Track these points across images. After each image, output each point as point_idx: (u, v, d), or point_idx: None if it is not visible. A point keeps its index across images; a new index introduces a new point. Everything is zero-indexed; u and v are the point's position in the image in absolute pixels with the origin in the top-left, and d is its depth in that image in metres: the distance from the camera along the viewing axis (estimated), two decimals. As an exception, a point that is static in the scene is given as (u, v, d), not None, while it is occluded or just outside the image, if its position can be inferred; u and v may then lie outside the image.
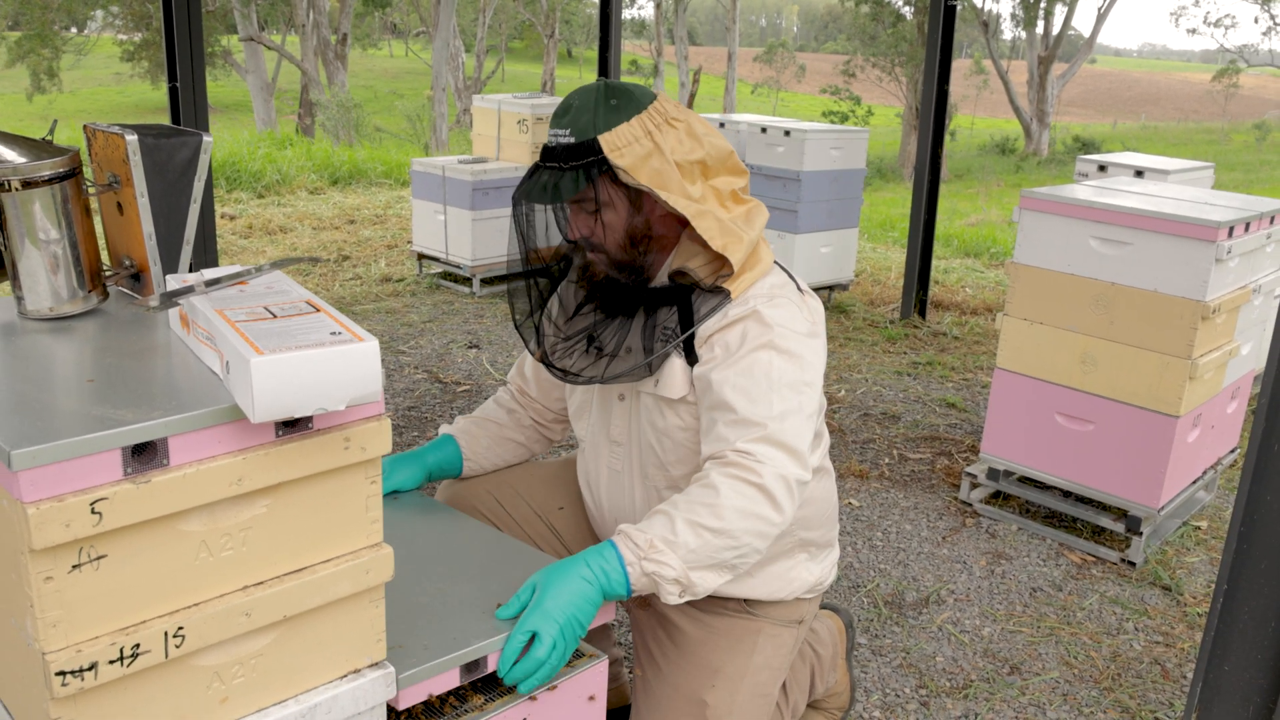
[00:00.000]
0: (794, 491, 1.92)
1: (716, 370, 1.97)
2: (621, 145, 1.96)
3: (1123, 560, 3.64)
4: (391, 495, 2.24)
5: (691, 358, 2.03)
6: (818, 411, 2.07)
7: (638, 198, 2.03)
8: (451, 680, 1.67)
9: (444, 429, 2.44)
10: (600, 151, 1.95)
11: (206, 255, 5.21)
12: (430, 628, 1.73)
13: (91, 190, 1.75)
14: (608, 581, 1.82)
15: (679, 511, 1.86)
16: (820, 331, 2.08)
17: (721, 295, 2.00)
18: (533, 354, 2.17)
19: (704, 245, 2.03)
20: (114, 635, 1.28)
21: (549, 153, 2.00)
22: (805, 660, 2.45)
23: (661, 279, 2.08)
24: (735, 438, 1.92)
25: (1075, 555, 3.70)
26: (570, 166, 1.96)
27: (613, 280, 2.08)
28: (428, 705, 1.72)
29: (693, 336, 2.02)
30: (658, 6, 35.85)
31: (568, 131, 1.97)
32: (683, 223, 2.07)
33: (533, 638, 1.73)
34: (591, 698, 1.89)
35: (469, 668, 1.69)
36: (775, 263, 2.11)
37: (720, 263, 2.02)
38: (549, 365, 2.13)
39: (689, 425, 2.07)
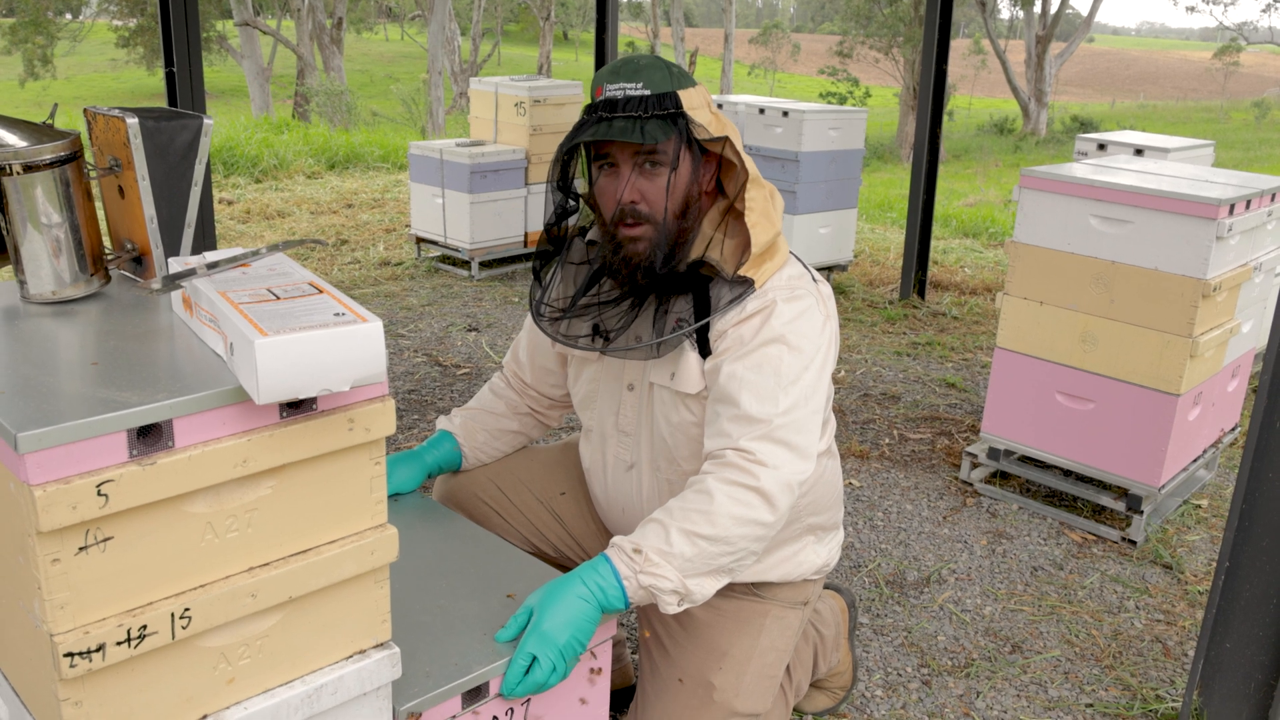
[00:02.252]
0: (792, 491, 1.91)
1: (727, 362, 1.96)
2: (696, 106, 1.96)
3: (1123, 539, 3.65)
4: (392, 497, 2.22)
5: (705, 350, 2.02)
6: (826, 402, 2.07)
7: (698, 165, 1.99)
8: (453, 708, 1.68)
9: (441, 423, 2.43)
10: (681, 105, 1.94)
11: (205, 240, 5.21)
12: (431, 652, 1.73)
13: (93, 174, 1.75)
14: (605, 597, 1.82)
15: (674, 520, 1.85)
16: (834, 322, 2.08)
17: (745, 286, 1.97)
18: (540, 324, 2.13)
19: (725, 231, 2.02)
20: (121, 617, 1.28)
21: (622, 103, 1.93)
22: (809, 640, 2.46)
23: (680, 266, 2.03)
24: (738, 434, 1.91)
25: (1076, 534, 3.71)
26: (652, 115, 1.92)
27: (641, 258, 2.01)
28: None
29: (707, 329, 2.01)
30: (654, -12, 35.74)
31: (639, 85, 1.93)
32: (709, 204, 2.06)
33: (533, 661, 1.74)
34: (598, 670, 1.90)
35: (470, 695, 1.70)
36: (789, 252, 2.10)
37: (743, 251, 2.00)
38: (556, 333, 2.10)
39: (704, 420, 2.06)
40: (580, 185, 2.14)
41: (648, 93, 1.93)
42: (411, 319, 5.97)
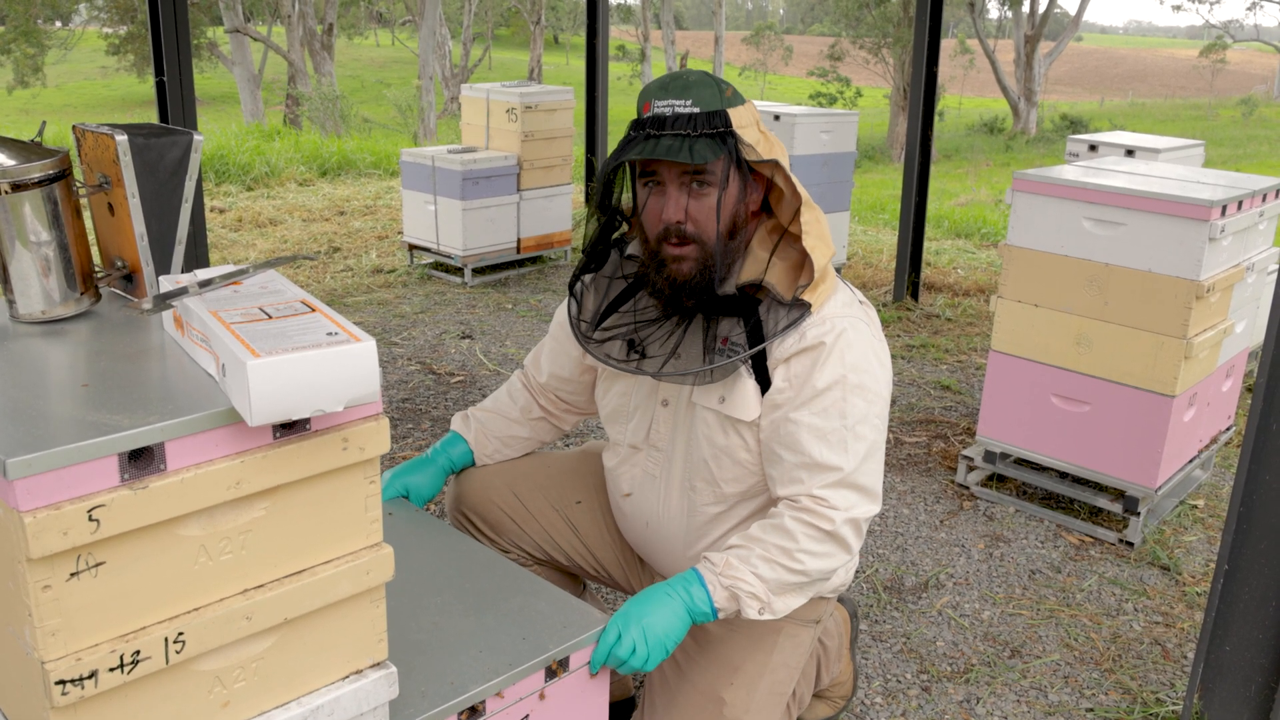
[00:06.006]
0: (863, 529, 2.00)
1: (791, 409, 1.97)
2: (745, 125, 1.93)
3: (1121, 540, 3.65)
4: (388, 514, 2.20)
5: (763, 378, 2.00)
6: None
7: (746, 185, 1.98)
8: None
9: (455, 423, 2.44)
10: (730, 125, 1.90)
11: (197, 250, 5.19)
12: (427, 671, 1.72)
13: (82, 191, 1.73)
14: (691, 600, 1.91)
15: (756, 548, 1.94)
16: (885, 344, 2.08)
17: (802, 310, 1.95)
18: (589, 348, 2.12)
19: (775, 254, 2.00)
20: (114, 642, 1.27)
21: (670, 120, 1.89)
22: (812, 653, 2.44)
23: (728, 288, 2.03)
24: (811, 483, 1.96)
25: (1073, 536, 3.71)
26: (702, 134, 1.89)
27: (686, 278, 2.00)
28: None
29: (764, 355, 1.99)
30: (644, -9, 35.76)
31: (688, 102, 1.89)
32: (755, 225, 2.05)
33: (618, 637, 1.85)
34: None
35: (467, 714, 1.68)
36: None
37: (796, 274, 1.99)
38: (606, 357, 2.09)
39: (754, 448, 2.06)
40: (624, 197, 2.13)
41: (697, 110, 1.89)
42: (405, 327, 5.95)
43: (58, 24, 32.36)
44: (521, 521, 2.37)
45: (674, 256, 1.98)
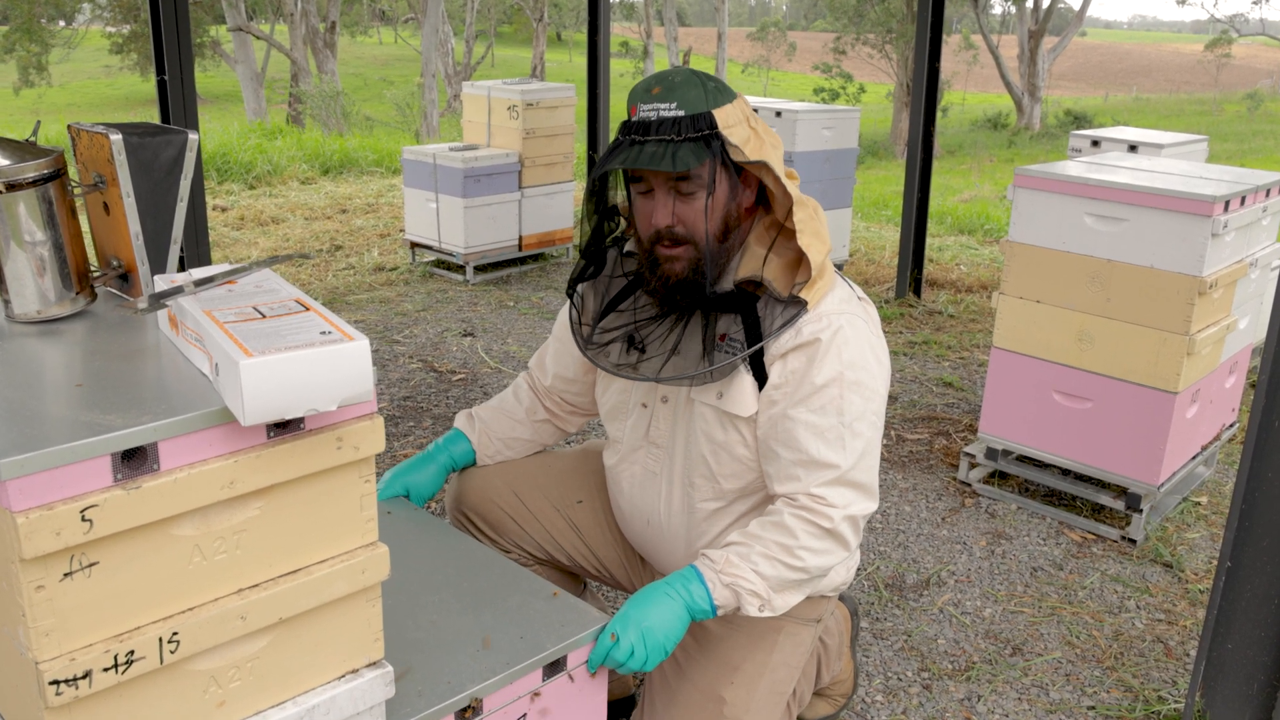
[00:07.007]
0: (860, 526, 2.00)
1: (788, 406, 1.96)
2: (732, 124, 1.91)
3: (1123, 538, 3.64)
4: (385, 513, 2.21)
5: (760, 373, 2.00)
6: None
7: (736, 185, 1.97)
8: None
9: (459, 421, 2.43)
10: (716, 126, 1.89)
11: (199, 248, 5.19)
12: (423, 669, 1.72)
13: (77, 191, 1.73)
14: (690, 598, 1.90)
15: (756, 545, 1.93)
16: (883, 341, 2.07)
17: (798, 307, 1.95)
18: (593, 357, 2.11)
19: (773, 251, 2.00)
20: (108, 642, 1.26)
21: (655, 125, 1.88)
22: (813, 652, 2.44)
23: (725, 285, 2.02)
24: (809, 481, 1.95)
25: (1075, 533, 3.70)
26: (686, 139, 1.87)
27: (680, 277, 1.99)
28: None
29: (762, 351, 1.98)
30: (647, -12, 35.72)
31: (673, 105, 1.88)
32: (750, 220, 2.04)
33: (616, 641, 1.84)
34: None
35: (463, 713, 1.68)
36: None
37: (793, 271, 1.98)
38: (609, 364, 2.09)
39: (752, 443, 2.06)
40: (617, 198, 2.13)
41: (681, 113, 1.88)
42: (406, 324, 5.95)
43: (61, 23, 32.37)
44: (522, 521, 2.36)
45: (667, 257, 1.99)
